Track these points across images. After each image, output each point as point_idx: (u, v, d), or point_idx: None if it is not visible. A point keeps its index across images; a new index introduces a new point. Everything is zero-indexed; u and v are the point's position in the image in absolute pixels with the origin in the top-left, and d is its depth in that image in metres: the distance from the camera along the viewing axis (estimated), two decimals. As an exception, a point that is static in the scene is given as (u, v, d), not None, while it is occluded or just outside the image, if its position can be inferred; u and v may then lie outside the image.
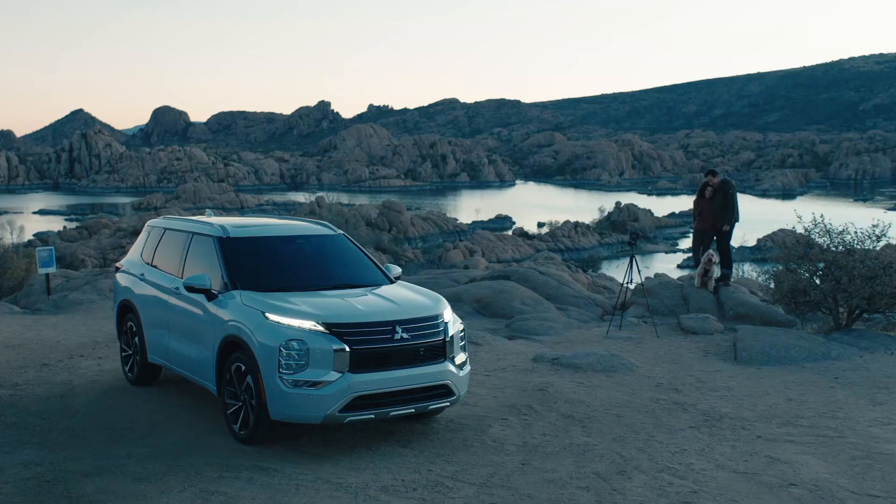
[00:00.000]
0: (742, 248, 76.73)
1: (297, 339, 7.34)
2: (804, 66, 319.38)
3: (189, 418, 8.61)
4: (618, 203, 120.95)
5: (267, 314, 7.60)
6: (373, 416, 7.55)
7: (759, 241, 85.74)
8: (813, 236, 13.14)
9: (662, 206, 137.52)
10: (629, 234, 13.77)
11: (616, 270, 64.68)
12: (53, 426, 8.38)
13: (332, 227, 9.62)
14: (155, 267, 9.62)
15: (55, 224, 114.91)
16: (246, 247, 8.72)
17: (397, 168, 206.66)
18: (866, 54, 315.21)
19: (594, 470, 7.21)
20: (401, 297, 8.27)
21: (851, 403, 9.37)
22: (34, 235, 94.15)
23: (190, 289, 8.31)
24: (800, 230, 13.31)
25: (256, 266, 8.53)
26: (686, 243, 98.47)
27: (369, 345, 7.46)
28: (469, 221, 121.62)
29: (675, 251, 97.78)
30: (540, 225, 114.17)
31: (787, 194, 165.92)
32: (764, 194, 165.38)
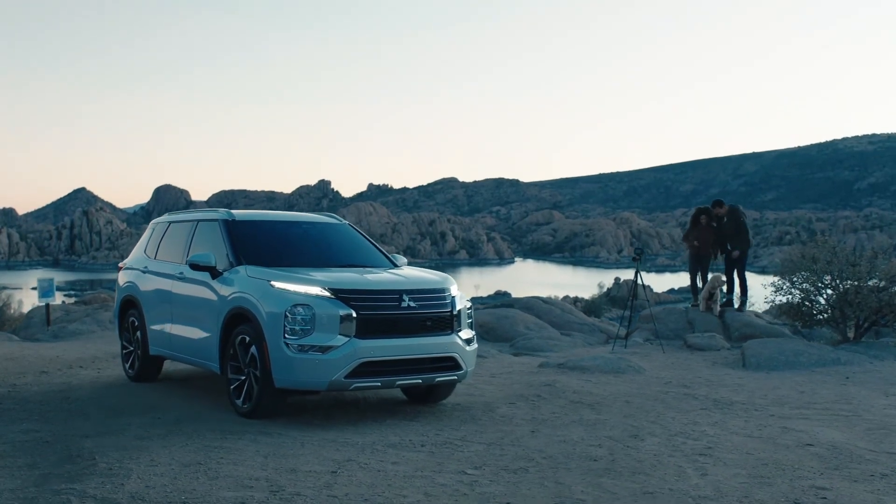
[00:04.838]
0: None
1: (302, 305, 7.24)
2: (799, 146, 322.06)
3: (190, 402, 8.45)
4: (617, 279, 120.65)
5: (273, 282, 7.53)
6: (379, 383, 7.42)
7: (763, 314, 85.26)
8: (818, 253, 13.10)
9: (661, 282, 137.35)
10: (634, 249, 13.69)
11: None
12: (52, 408, 8.21)
13: (338, 217, 9.61)
14: (159, 259, 9.57)
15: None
16: (251, 229, 8.71)
17: (397, 245, 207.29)
18: (859, 134, 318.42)
19: (606, 435, 7.05)
20: (408, 272, 8.27)
21: (864, 395, 9.21)
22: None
23: (195, 266, 8.24)
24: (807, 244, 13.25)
25: (262, 246, 8.48)
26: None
27: (376, 311, 7.37)
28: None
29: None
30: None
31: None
32: (763, 271, 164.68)
